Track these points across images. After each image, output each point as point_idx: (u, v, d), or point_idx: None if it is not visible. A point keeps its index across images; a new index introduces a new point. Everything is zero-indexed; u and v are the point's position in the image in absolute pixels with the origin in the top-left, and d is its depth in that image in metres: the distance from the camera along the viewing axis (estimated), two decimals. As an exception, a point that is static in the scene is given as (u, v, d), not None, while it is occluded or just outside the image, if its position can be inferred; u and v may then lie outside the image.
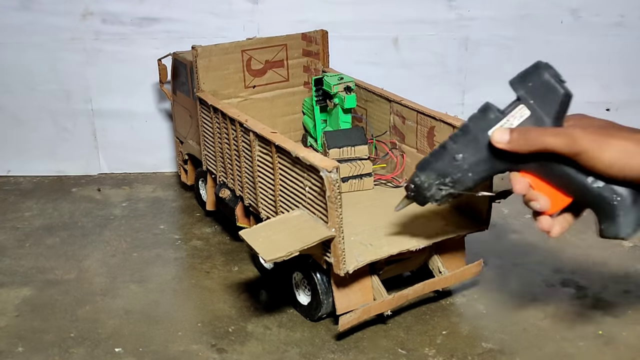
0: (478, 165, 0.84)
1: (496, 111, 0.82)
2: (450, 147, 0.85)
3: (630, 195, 0.77)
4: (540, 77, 0.80)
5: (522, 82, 0.81)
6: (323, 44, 1.48)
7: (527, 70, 0.82)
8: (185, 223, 1.50)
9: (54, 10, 1.62)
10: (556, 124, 0.79)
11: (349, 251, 1.03)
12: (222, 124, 1.27)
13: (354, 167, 1.28)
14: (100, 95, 1.70)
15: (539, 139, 0.76)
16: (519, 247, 1.37)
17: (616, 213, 0.78)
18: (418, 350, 1.06)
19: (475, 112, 0.84)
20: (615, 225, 0.79)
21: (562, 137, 0.75)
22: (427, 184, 0.88)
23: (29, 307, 1.19)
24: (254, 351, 1.06)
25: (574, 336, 1.09)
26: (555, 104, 0.79)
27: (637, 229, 0.78)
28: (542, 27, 1.69)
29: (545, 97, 0.80)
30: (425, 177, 0.88)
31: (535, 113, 0.80)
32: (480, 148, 0.83)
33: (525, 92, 0.80)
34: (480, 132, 0.82)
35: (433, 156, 0.87)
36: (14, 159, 1.75)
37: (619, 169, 0.74)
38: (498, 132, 0.79)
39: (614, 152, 0.73)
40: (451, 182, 0.86)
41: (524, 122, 0.80)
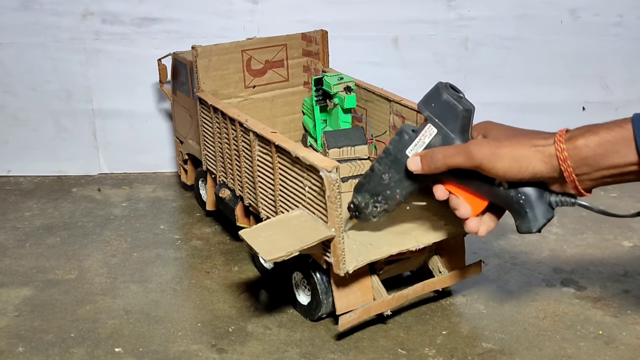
0: (402, 182, 0.96)
1: (410, 132, 0.93)
2: (377, 168, 0.97)
3: (535, 192, 0.86)
4: (440, 97, 0.90)
5: (427, 104, 0.91)
6: (323, 44, 1.48)
7: (429, 92, 0.92)
8: (185, 223, 1.50)
9: (54, 10, 1.62)
10: (462, 136, 0.90)
11: (349, 251, 1.03)
12: (222, 124, 1.27)
13: (354, 167, 1.28)
14: (101, 95, 1.71)
15: (443, 160, 0.88)
16: (519, 247, 1.37)
17: (524, 210, 0.87)
18: (418, 350, 1.06)
19: (394, 136, 0.95)
20: (526, 221, 0.88)
21: (461, 154, 0.86)
22: (364, 204, 1.01)
23: (29, 307, 1.19)
24: (254, 351, 1.06)
25: (574, 336, 1.09)
26: (457, 119, 0.90)
27: (546, 221, 0.87)
28: (541, 27, 1.69)
29: (447, 115, 0.90)
30: (361, 197, 1.01)
31: (442, 130, 0.90)
32: (401, 167, 0.94)
33: (430, 112, 0.91)
34: (399, 153, 0.94)
35: (365, 178, 1.00)
36: (14, 159, 1.75)
37: (513, 175, 0.83)
38: (410, 161, 0.92)
39: (505, 161, 0.83)
40: (383, 199, 0.99)
41: (434, 139, 0.91)
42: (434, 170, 0.89)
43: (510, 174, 0.83)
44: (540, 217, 0.87)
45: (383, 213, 1.01)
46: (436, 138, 0.91)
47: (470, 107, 0.90)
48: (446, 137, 0.90)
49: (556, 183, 0.85)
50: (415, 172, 0.91)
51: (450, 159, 0.87)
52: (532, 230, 0.88)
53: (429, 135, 0.91)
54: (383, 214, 1.01)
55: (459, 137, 0.90)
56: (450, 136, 0.90)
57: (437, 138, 0.91)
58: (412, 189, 0.97)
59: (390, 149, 0.95)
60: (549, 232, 1.42)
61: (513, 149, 0.83)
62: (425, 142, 0.92)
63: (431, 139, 0.91)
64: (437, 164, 0.89)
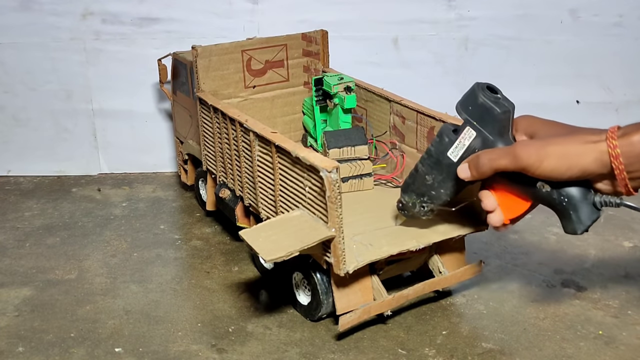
0: (446, 183, 0.97)
1: (451, 134, 0.94)
2: (421, 170, 0.99)
3: (579, 193, 0.85)
4: (477, 100, 0.90)
5: (464, 106, 0.91)
6: (323, 44, 1.48)
7: (466, 94, 0.92)
8: (185, 223, 1.50)
9: (54, 11, 1.62)
10: (501, 137, 0.90)
11: (349, 251, 1.03)
12: (222, 124, 1.27)
13: (354, 167, 1.27)
14: (101, 95, 1.71)
15: (490, 164, 0.87)
16: (519, 247, 1.37)
17: (568, 212, 0.86)
18: (418, 350, 1.06)
19: (435, 138, 0.96)
20: (571, 223, 0.87)
21: (507, 157, 0.85)
22: (411, 203, 1.03)
23: (29, 307, 1.19)
24: (254, 351, 1.06)
25: (574, 336, 1.09)
26: (494, 122, 0.89)
27: (591, 222, 0.87)
28: (541, 27, 1.70)
29: (485, 117, 0.90)
30: (408, 197, 1.03)
31: (481, 133, 0.91)
32: (444, 168, 0.96)
33: (468, 115, 0.91)
34: (440, 155, 0.95)
35: (410, 178, 1.01)
36: (14, 159, 1.75)
37: (560, 174, 0.82)
38: (460, 169, 0.92)
39: (551, 160, 0.81)
40: (429, 200, 1.01)
41: (473, 141, 0.91)
42: (482, 175, 0.89)
43: (557, 171, 0.82)
44: (585, 218, 0.86)
45: (431, 212, 1.03)
46: (475, 140, 0.91)
47: (508, 108, 0.90)
48: (485, 140, 0.90)
49: (603, 181, 0.83)
50: (466, 179, 0.91)
51: (495, 162, 0.87)
52: (577, 232, 0.87)
53: (469, 138, 0.92)
54: (431, 213, 1.03)
55: (498, 139, 0.90)
56: (489, 138, 0.90)
57: (476, 140, 0.91)
58: (457, 189, 0.98)
59: (432, 150, 0.96)
60: (550, 233, 1.42)
61: (561, 146, 0.82)
62: (465, 144, 0.92)
63: (471, 142, 0.91)
64: (483, 169, 0.88)
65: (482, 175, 0.89)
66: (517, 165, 0.84)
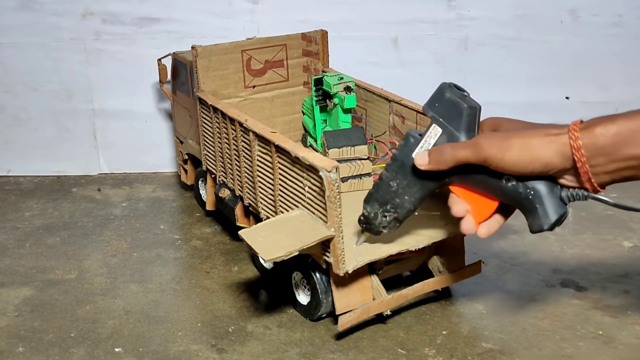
0: (410, 188, 0.94)
1: (416, 135, 0.91)
2: (385, 176, 0.95)
3: (545, 186, 0.83)
4: (443, 97, 0.89)
5: (431, 105, 0.90)
6: (323, 44, 1.48)
7: (433, 93, 0.91)
8: (185, 223, 1.50)
9: (54, 11, 1.63)
10: (469, 135, 0.88)
11: (348, 251, 1.03)
12: (222, 124, 1.27)
13: (354, 167, 1.28)
14: (101, 95, 1.71)
15: (451, 154, 0.85)
16: (519, 247, 1.37)
17: (534, 206, 0.84)
18: (418, 350, 1.06)
19: (401, 142, 0.94)
20: (537, 218, 0.84)
21: (469, 148, 0.83)
22: (373, 214, 0.98)
23: (29, 307, 1.19)
24: (254, 351, 1.06)
25: (574, 336, 1.09)
26: (461, 117, 0.88)
27: (559, 217, 0.84)
28: (541, 27, 1.70)
29: (451, 113, 0.88)
30: (370, 207, 0.98)
31: (446, 129, 0.89)
32: (408, 172, 0.93)
33: (434, 112, 0.90)
34: (405, 158, 0.92)
35: (373, 188, 0.97)
36: (14, 159, 1.75)
37: (522, 166, 0.80)
38: (418, 156, 0.89)
39: (514, 151, 0.79)
40: (392, 208, 0.96)
41: (439, 139, 0.89)
42: (442, 165, 0.86)
43: (520, 164, 0.80)
44: (552, 212, 0.83)
45: (393, 223, 0.98)
46: (441, 138, 0.89)
47: (475, 105, 0.88)
48: (451, 136, 0.88)
49: (568, 176, 0.81)
50: (422, 167, 0.88)
51: (458, 152, 0.84)
52: (544, 227, 0.84)
53: (434, 136, 0.89)
54: (394, 224, 0.98)
55: (464, 136, 0.88)
56: (455, 135, 0.88)
57: (442, 138, 0.89)
58: (421, 195, 0.94)
59: (397, 154, 0.93)
60: (549, 233, 1.42)
61: (524, 138, 0.79)
62: (431, 143, 0.90)
63: (437, 139, 0.89)
64: (445, 158, 0.85)
65: (441, 164, 0.86)
66: (479, 155, 0.82)
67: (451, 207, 0.89)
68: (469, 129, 0.88)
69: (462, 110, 0.87)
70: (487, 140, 0.82)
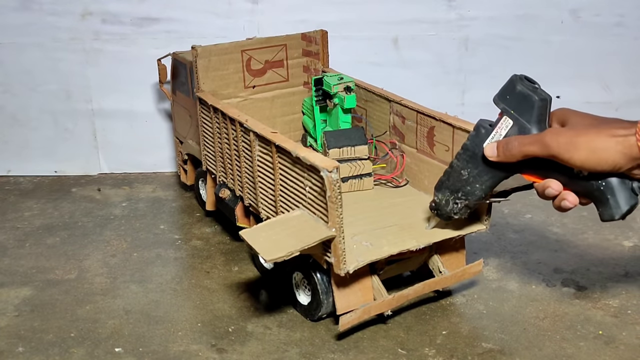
0: (482, 177, 0.97)
1: (487, 126, 0.94)
2: (456, 165, 0.98)
3: (616, 178, 0.85)
4: (515, 89, 0.91)
5: (502, 97, 0.92)
6: (323, 44, 1.48)
7: (504, 85, 0.93)
8: (185, 223, 1.50)
9: (54, 10, 1.62)
10: (539, 126, 0.90)
11: (349, 251, 1.03)
12: (222, 124, 1.27)
13: (354, 167, 1.28)
14: (100, 95, 1.71)
15: (519, 148, 0.88)
16: (519, 247, 1.37)
17: (605, 197, 0.86)
18: (418, 350, 1.06)
19: (471, 131, 0.97)
20: (608, 208, 0.87)
21: (536, 144, 0.85)
22: (444, 201, 1.02)
23: (29, 307, 1.19)
24: (254, 351, 1.06)
25: (574, 336, 1.09)
26: (532, 110, 0.90)
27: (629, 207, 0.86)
28: (541, 27, 1.69)
29: (522, 106, 0.90)
30: (441, 195, 1.03)
31: (518, 121, 0.91)
32: (480, 161, 0.96)
33: (505, 104, 0.92)
34: (476, 148, 0.95)
35: (445, 176, 1.01)
36: (14, 159, 1.75)
37: (591, 166, 0.82)
38: (488, 148, 0.92)
39: (582, 152, 0.82)
40: (463, 195, 1.00)
41: (510, 130, 0.91)
42: (510, 158, 0.89)
43: (588, 165, 0.82)
44: (623, 203, 0.86)
45: (465, 209, 1.02)
46: (512, 129, 0.91)
47: (546, 97, 0.90)
48: (522, 128, 0.90)
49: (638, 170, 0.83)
50: (491, 159, 0.91)
51: (525, 147, 0.86)
52: (615, 217, 0.87)
53: (505, 128, 0.91)
54: (465, 211, 1.02)
55: (536, 128, 0.90)
56: (526, 127, 0.90)
57: (513, 129, 0.91)
58: (492, 183, 0.97)
59: (468, 144, 0.96)
60: (550, 232, 1.42)
61: (591, 138, 0.81)
62: (502, 134, 0.92)
63: (507, 131, 0.91)
64: (512, 152, 0.88)
65: (509, 158, 0.89)
66: (547, 152, 0.84)
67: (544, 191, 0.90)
68: (540, 120, 0.90)
69: (533, 103, 0.89)
70: (553, 137, 0.84)
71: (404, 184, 1.29)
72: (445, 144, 1.17)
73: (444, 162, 1.18)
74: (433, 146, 1.20)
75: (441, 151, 1.19)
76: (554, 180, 0.89)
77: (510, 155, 0.89)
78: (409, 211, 1.19)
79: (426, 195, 1.23)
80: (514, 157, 0.89)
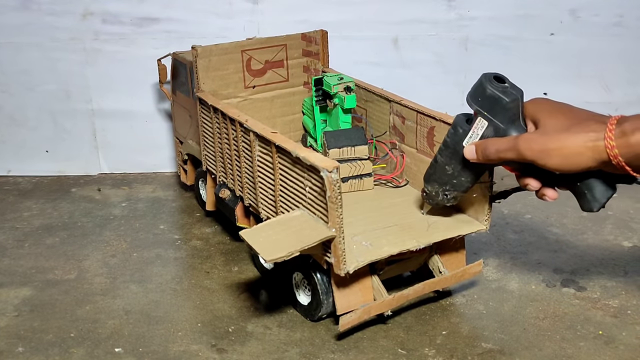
0: (466, 171, 1.01)
1: (464, 124, 0.97)
2: (440, 161, 1.02)
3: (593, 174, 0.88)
4: (485, 92, 0.93)
5: (474, 98, 0.95)
6: (323, 44, 1.48)
7: (474, 86, 0.95)
8: (185, 223, 1.50)
9: (53, 10, 1.62)
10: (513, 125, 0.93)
11: (349, 251, 1.03)
12: (222, 124, 1.27)
13: (354, 167, 1.27)
14: (100, 95, 1.71)
15: (496, 155, 0.92)
16: (519, 247, 1.37)
17: (583, 191, 0.90)
18: (418, 350, 1.06)
19: (450, 129, 0.99)
20: (587, 202, 0.91)
21: (512, 151, 0.90)
22: (434, 192, 1.06)
23: (29, 307, 1.19)
24: (254, 351, 1.06)
25: (574, 336, 1.09)
26: (504, 111, 0.92)
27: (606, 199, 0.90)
28: (541, 27, 1.69)
29: (494, 107, 0.93)
30: (430, 187, 1.06)
31: (492, 122, 0.94)
32: (461, 157, 0.98)
33: (478, 106, 0.94)
34: (457, 145, 0.98)
35: (431, 169, 1.04)
36: (13, 159, 1.75)
37: (565, 170, 0.86)
38: (467, 150, 0.96)
39: (555, 159, 0.85)
40: (452, 187, 1.04)
41: (486, 130, 0.94)
42: (488, 161, 0.93)
43: (562, 169, 0.86)
44: (600, 197, 0.90)
45: (455, 198, 1.06)
46: (488, 129, 0.94)
47: (516, 96, 0.93)
48: (497, 128, 0.93)
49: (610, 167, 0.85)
50: (471, 160, 0.96)
51: (502, 154, 0.91)
52: (594, 209, 0.90)
53: (481, 128, 0.95)
54: (456, 199, 1.07)
55: (509, 127, 0.93)
56: (500, 127, 0.93)
57: (489, 129, 0.94)
58: (477, 174, 1.02)
59: (448, 141, 1.00)
60: (549, 233, 1.42)
61: (562, 144, 0.85)
62: (479, 134, 0.95)
63: (484, 131, 0.95)
64: (490, 157, 0.93)
65: (488, 161, 0.93)
66: (521, 158, 0.88)
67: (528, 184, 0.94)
68: (514, 119, 0.93)
69: (504, 105, 0.92)
70: (527, 145, 0.87)
71: (404, 184, 1.29)
72: (445, 144, 1.17)
73: (444, 162, 1.18)
74: (433, 146, 1.20)
75: (441, 151, 1.19)
76: (532, 179, 0.94)
77: (489, 159, 0.93)
78: (409, 211, 1.19)
79: None
80: (492, 161, 0.93)
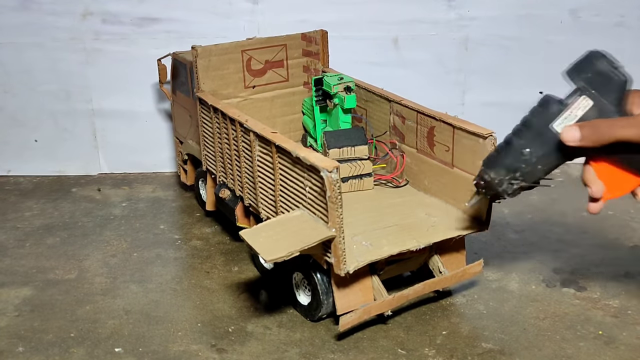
0: (546, 158, 0.85)
1: (557, 103, 0.84)
2: (517, 142, 0.86)
3: None
4: (595, 66, 0.82)
5: (580, 73, 0.83)
6: (323, 44, 1.48)
7: (581, 61, 0.84)
8: (185, 223, 1.50)
9: (54, 10, 1.62)
10: (619, 109, 0.81)
11: (349, 251, 1.03)
12: (222, 124, 1.27)
13: (354, 167, 1.27)
14: (100, 95, 1.71)
15: (610, 132, 0.78)
16: (519, 247, 1.37)
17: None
18: (418, 350, 1.06)
19: (535, 106, 0.86)
20: None
21: (633, 127, 0.77)
22: (497, 180, 0.89)
23: (29, 307, 1.19)
24: (254, 351, 1.06)
25: (574, 336, 1.09)
26: (615, 91, 0.81)
27: None
28: (541, 27, 1.69)
29: (605, 86, 0.81)
30: (494, 173, 0.90)
31: (599, 102, 0.81)
32: (547, 141, 0.84)
33: (584, 82, 0.82)
34: (544, 126, 0.84)
35: (499, 152, 0.89)
36: (14, 159, 1.75)
37: None
38: (567, 131, 0.81)
39: None
40: (521, 176, 0.88)
41: (588, 112, 0.81)
42: (596, 142, 0.79)
43: None
44: None
45: (518, 190, 0.91)
46: (591, 111, 0.82)
47: (628, 78, 0.81)
48: (602, 110, 0.81)
49: None
50: (570, 143, 0.81)
51: (620, 130, 0.78)
52: None
53: (583, 108, 0.82)
54: (517, 193, 0.92)
55: (617, 111, 0.81)
56: (609, 109, 0.81)
57: (592, 111, 0.82)
58: (556, 165, 0.87)
59: (534, 121, 0.85)
60: (550, 233, 1.42)
61: None
62: (578, 115, 0.82)
63: (585, 112, 0.82)
64: (602, 136, 0.78)
65: (596, 142, 0.80)
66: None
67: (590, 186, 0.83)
68: (621, 103, 0.82)
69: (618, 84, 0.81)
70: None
71: (404, 184, 1.29)
72: (445, 144, 1.17)
73: (444, 162, 1.18)
74: (433, 146, 1.20)
75: (441, 151, 1.19)
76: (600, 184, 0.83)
77: (597, 140, 0.79)
78: (409, 211, 1.19)
79: (426, 195, 1.23)
80: (601, 142, 0.79)
